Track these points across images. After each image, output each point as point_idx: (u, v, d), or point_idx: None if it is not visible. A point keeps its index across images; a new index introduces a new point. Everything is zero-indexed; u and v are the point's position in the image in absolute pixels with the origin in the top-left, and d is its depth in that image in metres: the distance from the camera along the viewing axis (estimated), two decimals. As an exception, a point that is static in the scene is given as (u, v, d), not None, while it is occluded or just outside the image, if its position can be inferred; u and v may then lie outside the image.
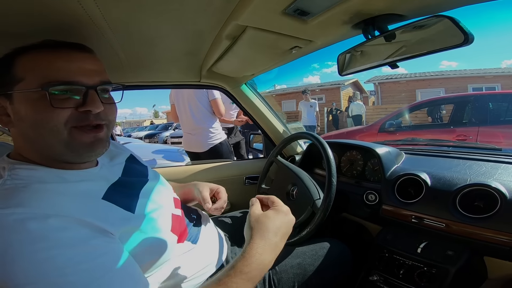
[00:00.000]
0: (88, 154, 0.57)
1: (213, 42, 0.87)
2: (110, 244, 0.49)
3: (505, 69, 12.24)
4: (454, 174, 0.89)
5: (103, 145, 0.58)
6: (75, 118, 0.53)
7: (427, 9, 0.60)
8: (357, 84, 16.66)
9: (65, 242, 0.44)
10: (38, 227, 0.43)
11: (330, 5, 0.58)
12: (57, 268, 0.41)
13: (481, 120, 3.74)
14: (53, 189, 0.51)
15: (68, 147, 0.54)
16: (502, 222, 0.73)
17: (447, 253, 0.81)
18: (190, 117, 2.26)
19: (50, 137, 0.53)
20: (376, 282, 0.89)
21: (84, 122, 0.54)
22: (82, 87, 0.53)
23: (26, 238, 0.42)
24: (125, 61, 0.95)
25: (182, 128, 2.44)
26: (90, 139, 0.55)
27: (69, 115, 0.53)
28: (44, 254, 0.41)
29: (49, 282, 0.40)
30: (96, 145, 0.57)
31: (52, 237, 0.43)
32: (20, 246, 0.41)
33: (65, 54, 0.54)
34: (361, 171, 1.20)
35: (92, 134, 0.56)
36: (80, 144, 0.55)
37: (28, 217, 0.44)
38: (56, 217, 0.45)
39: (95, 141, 0.56)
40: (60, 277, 0.40)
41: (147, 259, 0.58)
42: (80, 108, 0.53)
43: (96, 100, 0.54)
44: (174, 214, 0.71)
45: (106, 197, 0.56)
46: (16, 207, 0.44)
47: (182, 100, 2.29)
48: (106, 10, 0.58)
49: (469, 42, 0.52)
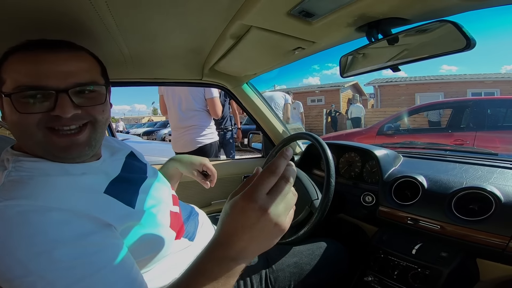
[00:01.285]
0: (65, 157, 0.55)
1: (217, 40, 0.88)
2: (110, 239, 0.49)
3: (505, 74, 12.32)
4: (450, 177, 0.91)
5: (80, 149, 0.55)
6: (47, 120, 0.52)
7: (431, 14, 0.61)
8: (356, 87, 16.71)
9: (64, 237, 0.44)
10: (40, 220, 0.44)
11: (335, 8, 0.59)
12: (53, 262, 0.41)
13: (478, 125, 3.77)
14: (57, 182, 0.52)
15: (44, 149, 0.53)
16: (496, 225, 0.75)
17: (441, 254, 0.82)
18: (178, 113, 2.10)
19: (26, 138, 0.53)
20: (371, 283, 0.90)
21: (56, 124, 0.52)
22: (51, 91, 0.51)
23: (27, 231, 0.42)
24: (128, 57, 0.96)
25: (170, 123, 2.25)
26: (65, 143, 0.53)
27: (40, 118, 0.51)
28: (41, 248, 0.42)
29: (43, 276, 0.40)
30: (72, 149, 0.54)
31: (51, 231, 0.44)
32: (19, 238, 0.42)
33: (36, 56, 0.52)
34: (359, 172, 1.21)
35: (67, 138, 0.53)
36: (55, 147, 0.53)
37: (31, 209, 0.44)
38: (58, 210, 0.46)
39: (72, 145, 0.54)
40: (54, 271, 0.41)
41: (145, 254, 0.59)
42: (51, 112, 0.51)
43: (65, 105, 0.51)
44: (172, 211, 0.71)
45: (107, 191, 0.57)
46: (20, 199, 0.45)
47: (172, 92, 2.11)
48: (114, 6, 0.59)
49: (471, 47, 0.53)
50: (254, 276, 0.83)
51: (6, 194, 0.46)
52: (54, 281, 0.40)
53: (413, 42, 0.64)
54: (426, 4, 0.57)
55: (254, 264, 0.87)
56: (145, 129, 16.82)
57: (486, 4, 0.55)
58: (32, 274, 0.40)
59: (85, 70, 0.56)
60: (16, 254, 0.41)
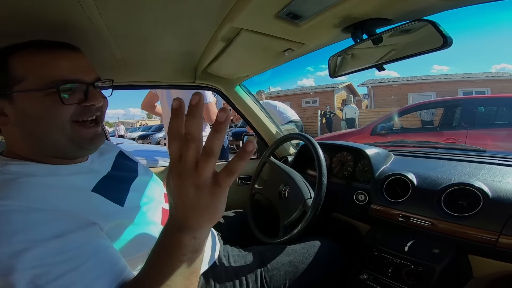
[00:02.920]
0: (89, 148, 0.62)
1: (208, 43, 0.89)
2: (92, 237, 0.50)
3: (495, 73, 12.50)
4: (439, 174, 0.92)
5: (102, 138, 0.63)
6: (78, 113, 0.57)
7: (411, 14, 0.63)
8: (350, 88, 16.83)
9: (45, 235, 0.44)
10: (21, 219, 0.45)
11: (321, 9, 0.61)
12: (33, 259, 0.42)
13: (470, 123, 3.83)
14: (41, 182, 0.53)
15: (72, 141, 0.58)
16: (485, 221, 0.75)
17: (433, 251, 0.82)
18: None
19: (55, 132, 0.56)
20: (366, 281, 0.90)
21: (86, 116, 0.58)
22: (83, 84, 0.57)
23: (8, 230, 0.43)
24: (120, 60, 0.96)
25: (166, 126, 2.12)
26: (90, 134, 0.60)
27: (74, 110, 0.56)
28: (21, 246, 0.42)
29: (23, 274, 0.40)
30: (97, 139, 0.62)
31: (34, 229, 0.44)
32: (0, 237, 0.42)
33: (63, 54, 0.57)
34: (352, 171, 1.22)
35: (92, 129, 0.60)
36: (82, 138, 0.59)
37: (14, 209, 0.45)
38: (41, 211, 0.47)
39: (96, 135, 0.61)
40: (34, 269, 0.41)
41: (137, 251, 0.59)
42: (83, 103, 0.57)
43: (97, 94, 0.59)
44: (165, 208, 0.72)
45: (95, 189, 0.58)
46: (4, 199, 0.46)
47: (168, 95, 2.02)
48: (105, 10, 0.60)
49: (448, 45, 0.55)
50: (250, 276, 0.84)
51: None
52: (35, 278, 0.41)
53: (396, 42, 0.66)
54: (407, 4, 0.59)
55: (249, 264, 0.88)
56: (140, 133, 16.72)
57: (462, 3, 0.57)
58: (13, 272, 0.40)
59: (94, 67, 0.62)
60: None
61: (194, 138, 0.34)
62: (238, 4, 0.61)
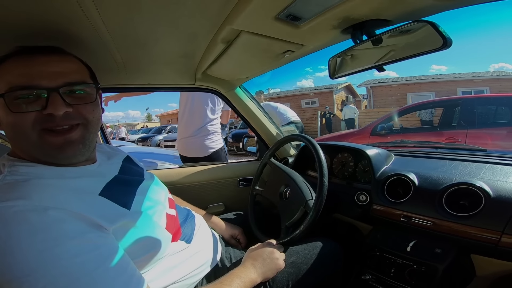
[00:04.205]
0: (60, 157, 0.56)
1: (208, 45, 0.89)
2: (104, 238, 0.50)
3: (493, 72, 12.51)
4: (440, 174, 0.92)
5: (74, 147, 0.57)
6: (41, 121, 0.53)
7: (410, 15, 0.63)
8: (350, 88, 16.83)
9: (64, 234, 0.45)
10: (39, 219, 0.45)
11: (320, 11, 0.61)
12: (54, 259, 0.42)
13: (470, 122, 3.82)
14: (52, 184, 0.53)
15: (39, 149, 0.55)
16: (486, 220, 0.75)
17: (435, 251, 0.82)
18: (200, 118, 2.11)
19: (21, 140, 0.55)
20: (369, 281, 0.90)
21: (50, 125, 0.54)
22: (43, 90, 0.53)
23: (26, 230, 0.43)
24: (120, 63, 0.96)
25: (181, 129, 2.25)
26: (59, 141, 0.55)
27: (34, 118, 0.53)
28: (42, 245, 0.42)
29: (44, 274, 0.41)
30: (67, 148, 0.56)
31: (52, 228, 0.45)
32: (18, 237, 0.42)
33: (27, 59, 0.54)
34: (352, 172, 1.22)
35: (61, 136, 0.55)
36: (50, 146, 0.55)
37: (29, 209, 0.45)
38: (55, 209, 0.47)
39: (65, 143, 0.56)
40: (56, 269, 0.41)
41: (141, 255, 0.59)
42: (43, 110, 0.53)
43: (56, 102, 0.53)
44: (168, 214, 0.72)
45: (102, 193, 0.58)
46: (17, 199, 0.46)
47: (192, 99, 2.13)
48: (105, 13, 0.60)
49: (448, 46, 0.55)
50: (251, 277, 0.84)
51: (1, 196, 0.46)
52: (56, 279, 0.41)
53: (396, 43, 0.67)
54: (405, 5, 0.59)
55: None
56: (140, 135, 16.76)
57: (461, 4, 0.57)
58: (34, 273, 0.40)
59: (74, 71, 0.58)
60: (17, 255, 0.41)
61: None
62: (238, 6, 0.62)
